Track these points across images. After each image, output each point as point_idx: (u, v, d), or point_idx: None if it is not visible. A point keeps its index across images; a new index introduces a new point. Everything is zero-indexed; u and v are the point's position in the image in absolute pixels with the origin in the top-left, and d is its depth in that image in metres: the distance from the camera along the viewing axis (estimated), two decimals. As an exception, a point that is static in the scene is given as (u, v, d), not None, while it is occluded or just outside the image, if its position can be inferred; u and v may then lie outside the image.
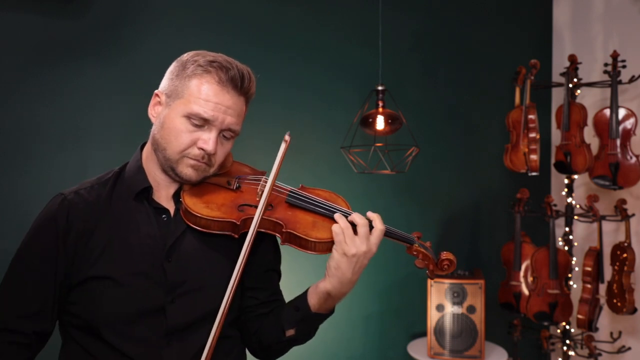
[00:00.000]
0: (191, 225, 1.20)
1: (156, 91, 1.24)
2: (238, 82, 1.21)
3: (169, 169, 1.22)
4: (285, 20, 2.77)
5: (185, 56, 1.23)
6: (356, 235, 1.18)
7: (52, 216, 1.19)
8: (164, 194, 1.26)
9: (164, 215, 1.24)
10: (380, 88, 2.43)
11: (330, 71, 2.86)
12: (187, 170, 1.21)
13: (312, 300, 1.24)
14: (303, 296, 1.27)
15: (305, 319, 1.25)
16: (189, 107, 1.17)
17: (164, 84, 1.24)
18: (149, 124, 1.30)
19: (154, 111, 1.24)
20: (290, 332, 1.26)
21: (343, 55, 2.88)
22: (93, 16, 2.33)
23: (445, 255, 1.29)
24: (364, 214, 1.24)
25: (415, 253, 1.29)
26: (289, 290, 1.43)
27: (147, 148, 1.28)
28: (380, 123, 2.41)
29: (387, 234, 1.26)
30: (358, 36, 2.88)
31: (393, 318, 3.05)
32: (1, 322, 1.18)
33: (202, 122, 1.18)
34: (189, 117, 1.18)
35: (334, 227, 1.19)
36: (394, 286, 3.03)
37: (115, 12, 2.37)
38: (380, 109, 2.43)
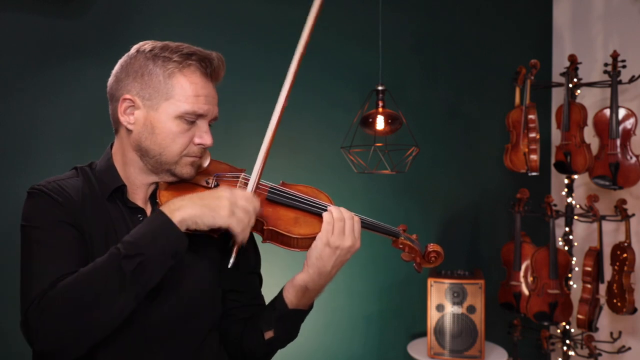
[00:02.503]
0: None
1: (126, 95, 1.15)
2: (218, 72, 1.19)
3: (165, 172, 1.18)
4: (285, 20, 2.76)
5: (146, 51, 1.16)
6: (345, 228, 1.16)
7: (43, 195, 1.12)
8: (141, 196, 1.21)
9: (139, 216, 1.19)
10: (380, 88, 2.43)
11: (330, 71, 2.86)
12: (186, 169, 1.18)
13: (289, 296, 1.19)
14: (279, 294, 1.22)
15: (283, 317, 1.20)
16: (183, 106, 1.13)
17: (130, 85, 1.16)
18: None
19: (129, 118, 1.16)
20: (269, 334, 1.21)
21: (343, 55, 2.88)
22: (93, 16, 2.33)
23: (432, 247, 1.26)
24: (358, 213, 1.23)
25: (401, 246, 1.27)
26: (265, 293, 1.40)
27: (118, 152, 1.22)
28: (380, 123, 2.41)
29: (370, 227, 1.24)
30: (358, 36, 2.88)
31: (393, 318, 3.05)
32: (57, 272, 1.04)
33: (196, 118, 1.16)
34: (182, 116, 1.14)
35: (326, 215, 1.16)
36: (394, 286, 3.03)
37: (115, 12, 2.38)
38: (380, 109, 2.43)
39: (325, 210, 1.19)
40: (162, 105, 1.14)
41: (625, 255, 2.73)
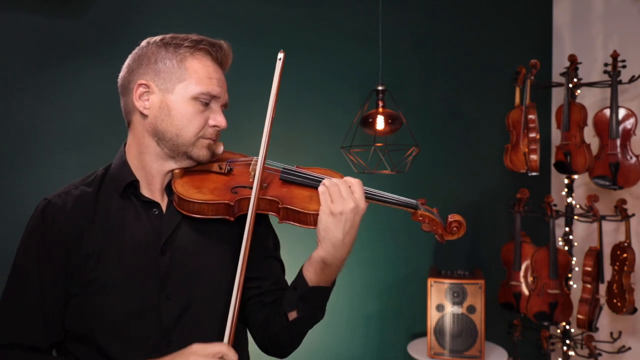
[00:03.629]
0: (185, 212, 1.17)
1: (140, 81, 1.18)
2: (227, 58, 1.24)
3: (182, 155, 1.20)
4: (285, 20, 2.77)
5: (157, 40, 1.20)
6: (340, 194, 1.14)
7: (39, 222, 1.17)
8: (157, 186, 1.22)
9: (154, 209, 1.21)
10: (380, 88, 2.44)
11: (330, 71, 2.86)
12: (203, 152, 1.21)
13: (309, 274, 1.18)
14: (299, 274, 1.21)
15: (305, 296, 1.18)
16: (197, 87, 1.17)
17: (144, 72, 1.18)
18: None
19: (144, 103, 1.19)
20: (292, 315, 1.20)
21: (343, 55, 2.88)
22: (93, 16, 2.33)
23: (453, 217, 1.25)
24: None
25: (420, 218, 1.26)
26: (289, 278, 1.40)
27: (133, 143, 1.24)
28: (380, 123, 2.41)
29: (389, 201, 1.25)
30: (358, 36, 2.88)
31: (393, 318, 3.05)
32: (6, 338, 1.14)
33: (210, 100, 1.19)
34: (197, 97, 1.17)
35: (320, 187, 1.16)
36: (394, 286, 3.03)
37: (114, 12, 2.38)
38: (380, 109, 2.43)
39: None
40: (176, 88, 1.18)
41: (625, 255, 2.73)
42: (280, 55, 1.20)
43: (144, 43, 1.23)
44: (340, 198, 1.13)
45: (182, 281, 1.18)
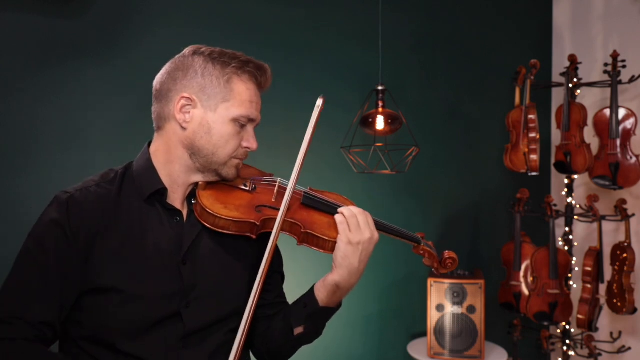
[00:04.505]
0: (208, 226, 1.18)
1: (184, 94, 1.18)
2: (268, 82, 1.27)
3: (211, 172, 1.23)
4: (285, 20, 2.76)
5: (205, 53, 1.21)
6: (359, 222, 1.21)
7: (62, 214, 1.14)
8: (179, 195, 1.24)
9: (177, 218, 1.22)
10: (380, 88, 2.43)
11: (330, 71, 2.85)
12: (232, 171, 1.24)
13: (321, 295, 1.23)
14: (310, 293, 1.26)
15: (313, 315, 1.24)
16: (239, 110, 1.19)
17: (189, 84, 1.19)
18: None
19: (185, 116, 1.19)
20: (299, 330, 1.25)
21: (343, 55, 2.88)
22: (93, 16, 2.33)
23: (447, 254, 1.35)
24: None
25: (422, 252, 1.35)
26: (289, 292, 1.43)
27: (161, 150, 1.23)
28: (380, 123, 2.41)
29: (397, 233, 1.32)
30: (358, 36, 2.88)
31: (393, 318, 3.05)
32: (11, 313, 1.11)
33: (247, 122, 1.22)
34: (237, 120, 1.20)
35: (337, 217, 1.21)
36: (394, 286, 3.03)
37: (114, 12, 2.37)
38: (380, 109, 2.43)
39: None
40: (220, 107, 1.19)
41: (625, 255, 2.73)
42: (320, 101, 1.23)
43: (188, 51, 1.23)
44: (358, 228, 1.20)
45: (202, 291, 1.20)
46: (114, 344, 1.13)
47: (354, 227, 1.19)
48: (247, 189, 1.27)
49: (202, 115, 1.19)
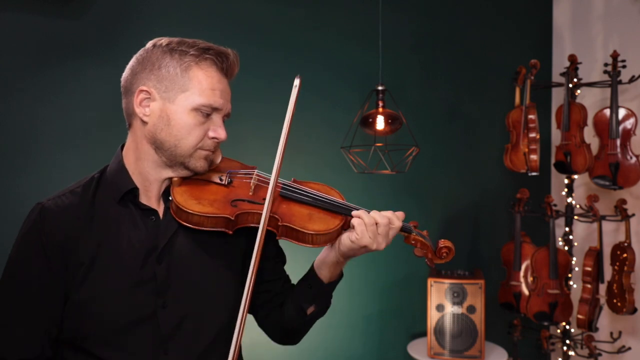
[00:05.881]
0: (183, 223, 1.15)
1: (142, 87, 1.15)
2: (233, 68, 1.22)
3: (178, 165, 1.18)
4: (285, 20, 2.77)
5: (163, 45, 1.17)
6: (378, 233, 1.20)
7: (33, 228, 1.14)
8: (154, 193, 1.20)
9: (152, 217, 1.19)
10: (380, 88, 2.43)
11: (330, 71, 2.86)
12: (200, 163, 1.19)
13: (324, 273, 1.27)
14: (312, 274, 1.28)
15: (320, 293, 1.28)
16: (199, 99, 1.14)
17: (146, 77, 1.16)
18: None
19: (144, 110, 1.16)
20: (311, 309, 1.29)
21: (343, 55, 2.88)
22: (93, 16, 2.33)
23: (443, 243, 1.28)
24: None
25: (413, 242, 1.29)
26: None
27: (131, 147, 1.21)
28: (380, 123, 2.41)
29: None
30: (358, 36, 2.88)
31: (393, 318, 3.05)
32: None
33: (211, 111, 1.17)
34: (198, 109, 1.15)
35: (355, 221, 1.19)
36: (394, 286, 3.03)
37: (114, 12, 2.38)
38: (380, 109, 2.43)
39: (341, 210, 1.23)
40: (178, 97, 1.15)
41: (625, 255, 2.73)
42: (297, 81, 1.21)
43: (149, 45, 1.20)
44: (377, 238, 1.20)
45: (178, 290, 1.17)
46: (91, 348, 1.11)
47: (373, 234, 1.19)
48: (223, 182, 1.22)
49: (161, 107, 1.15)
